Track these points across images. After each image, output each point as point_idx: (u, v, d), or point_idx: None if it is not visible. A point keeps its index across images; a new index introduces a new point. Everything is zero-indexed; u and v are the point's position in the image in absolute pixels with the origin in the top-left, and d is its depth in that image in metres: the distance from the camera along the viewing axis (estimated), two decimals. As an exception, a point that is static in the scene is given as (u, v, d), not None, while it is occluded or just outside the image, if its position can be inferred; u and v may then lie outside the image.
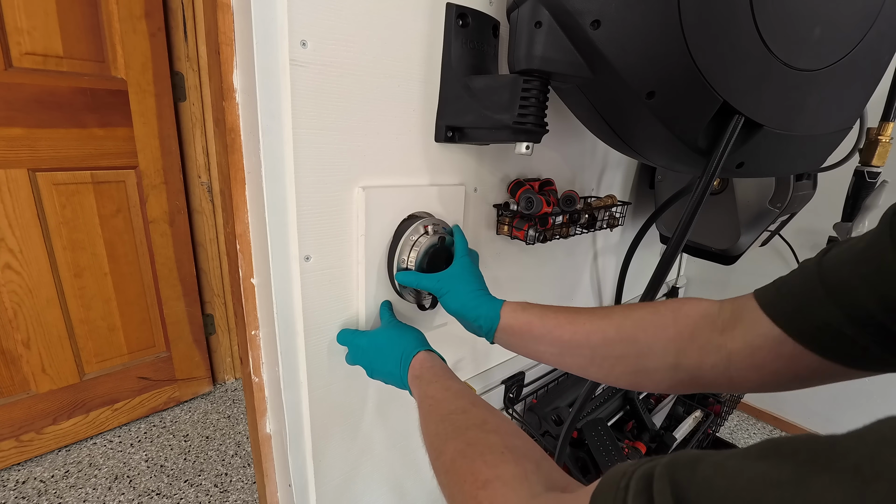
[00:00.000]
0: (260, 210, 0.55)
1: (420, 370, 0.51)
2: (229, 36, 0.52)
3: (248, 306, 0.61)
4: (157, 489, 1.31)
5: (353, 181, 0.59)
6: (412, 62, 0.59)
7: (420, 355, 0.53)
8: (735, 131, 0.54)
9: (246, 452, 1.47)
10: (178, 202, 1.49)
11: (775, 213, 0.95)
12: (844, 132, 0.66)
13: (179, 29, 1.40)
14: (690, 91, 0.51)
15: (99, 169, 1.31)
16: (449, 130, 0.63)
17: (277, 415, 0.65)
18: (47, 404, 1.37)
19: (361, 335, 0.60)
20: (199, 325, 1.65)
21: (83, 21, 1.20)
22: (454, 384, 0.47)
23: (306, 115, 0.52)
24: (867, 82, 0.62)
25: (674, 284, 1.62)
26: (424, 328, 0.73)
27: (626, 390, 1.05)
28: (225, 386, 1.80)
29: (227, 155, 0.55)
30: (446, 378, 0.48)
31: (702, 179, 0.57)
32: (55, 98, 1.19)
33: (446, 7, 0.59)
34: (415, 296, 0.66)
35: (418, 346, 0.55)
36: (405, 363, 0.53)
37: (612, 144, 0.70)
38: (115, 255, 1.39)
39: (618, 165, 1.07)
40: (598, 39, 0.48)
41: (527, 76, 0.53)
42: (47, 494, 1.26)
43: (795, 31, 0.51)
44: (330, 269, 0.60)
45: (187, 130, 1.49)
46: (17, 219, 1.20)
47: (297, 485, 0.68)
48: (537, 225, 0.76)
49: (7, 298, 1.23)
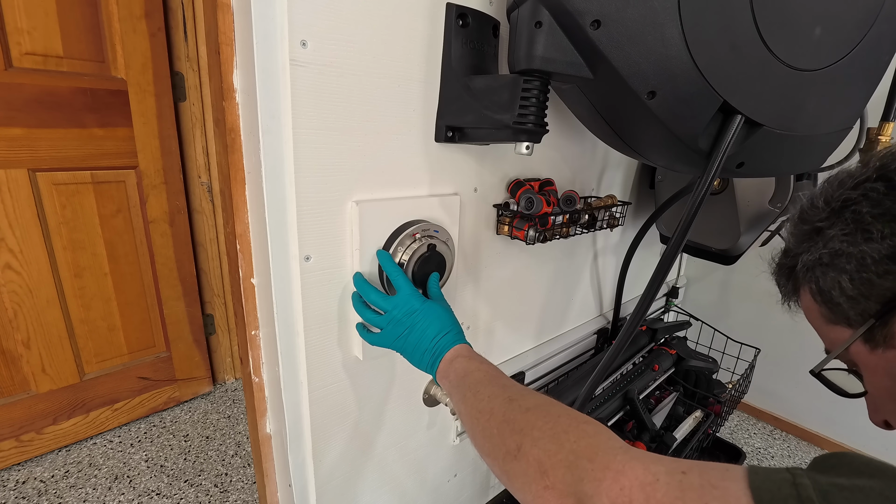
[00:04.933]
0: (260, 210, 0.55)
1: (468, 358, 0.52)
2: (229, 36, 0.52)
3: (248, 306, 0.61)
4: (157, 489, 1.31)
5: (354, 181, 0.59)
6: (412, 62, 0.59)
7: (463, 348, 0.53)
8: (735, 131, 0.54)
9: (246, 452, 1.47)
10: (178, 202, 1.49)
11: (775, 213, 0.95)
12: (844, 132, 0.66)
13: (179, 29, 1.40)
14: (691, 91, 0.51)
15: (99, 169, 1.31)
16: (449, 130, 0.63)
17: (277, 415, 0.65)
18: (47, 404, 1.37)
19: (421, 298, 0.57)
20: (199, 325, 1.65)
21: (83, 21, 1.20)
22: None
23: (306, 115, 0.52)
24: (867, 82, 0.62)
25: (674, 284, 1.62)
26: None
27: (627, 390, 1.05)
28: (225, 386, 1.79)
29: (227, 155, 0.55)
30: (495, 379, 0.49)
31: (702, 179, 0.57)
32: (55, 98, 1.19)
33: (446, 7, 0.59)
34: None
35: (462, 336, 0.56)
36: (442, 351, 0.53)
37: (612, 144, 0.70)
38: (115, 255, 1.39)
39: (618, 165, 1.07)
40: (599, 39, 0.48)
41: (527, 76, 0.53)
42: (47, 494, 1.26)
43: (795, 31, 0.51)
44: (330, 269, 0.60)
45: (187, 130, 1.49)
46: (17, 219, 1.20)
47: (297, 485, 0.68)
48: (537, 225, 0.76)
49: (7, 298, 1.23)
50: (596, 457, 0.33)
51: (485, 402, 0.45)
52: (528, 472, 0.37)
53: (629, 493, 0.30)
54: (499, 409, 0.43)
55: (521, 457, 0.38)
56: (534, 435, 0.38)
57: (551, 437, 0.37)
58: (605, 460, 0.33)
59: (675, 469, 0.30)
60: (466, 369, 0.50)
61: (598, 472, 0.32)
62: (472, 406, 0.46)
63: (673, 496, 0.28)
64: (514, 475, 0.39)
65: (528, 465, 0.37)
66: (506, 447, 0.40)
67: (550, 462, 0.35)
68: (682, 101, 0.52)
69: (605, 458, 0.33)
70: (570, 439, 0.36)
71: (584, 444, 0.35)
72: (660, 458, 0.31)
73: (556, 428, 0.38)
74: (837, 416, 1.53)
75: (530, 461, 0.37)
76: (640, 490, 0.30)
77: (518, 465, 0.38)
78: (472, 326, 0.84)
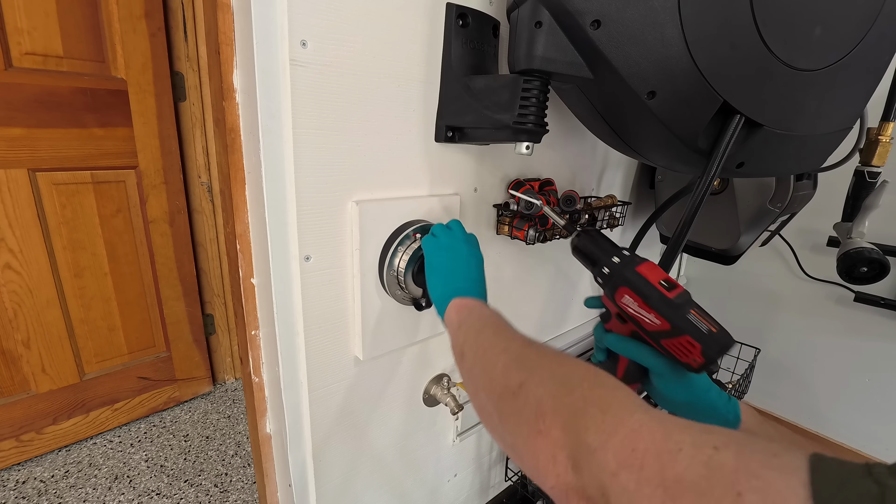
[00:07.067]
0: (260, 210, 0.55)
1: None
2: (229, 36, 0.52)
3: (248, 306, 0.61)
4: (157, 489, 1.31)
5: (354, 181, 0.59)
6: (412, 62, 0.59)
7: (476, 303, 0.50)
8: (735, 131, 0.54)
9: (246, 452, 1.46)
10: (178, 202, 1.49)
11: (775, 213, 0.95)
12: (844, 132, 0.66)
13: (179, 29, 1.40)
14: (691, 91, 0.51)
15: (99, 169, 1.31)
16: (449, 130, 0.63)
17: (277, 415, 0.65)
18: (47, 404, 1.37)
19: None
20: (199, 325, 1.65)
21: (83, 21, 1.20)
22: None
23: (306, 114, 0.52)
24: (867, 82, 0.62)
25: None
26: (423, 335, 0.73)
27: (627, 390, 1.04)
28: (225, 386, 1.79)
29: (227, 155, 0.55)
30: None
31: (702, 179, 0.57)
32: (55, 98, 1.19)
33: (446, 7, 0.59)
34: (411, 298, 0.66)
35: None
36: (472, 292, 0.52)
37: (612, 144, 0.70)
38: (115, 255, 1.39)
39: (618, 165, 1.07)
40: (599, 39, 0.48)
41: (527, 76, 0.53)
42: (47, 494, 1.26)
43: (795, 31, 0.51)
44: (330, 269, 0.60)
45: (187, 130, 1.49)
46: (17, 219, 1.20)
47: (297, 485, 0.68)
48: (537, 225, 0.76)
49: (7, 298, 1.23)
50: (610, 409, 0.29)
51: (501, 340, 0.40)
52: (523, 412, 0.32)
53: (641, 458, 0.25)
54: (514, 348, 0.39)
55: (520, 395, 0.33)
56: (542, 375, 0.34)
57: (562, 380, 0.32)
58: (620, 415, 0.28)
59: (705, 442, 0.24)
60: (495, 313, 0.46)
61: (609, 426, 0.27)
62: (485, 340, 0.41)
63: (696, 475, 0.22)
64: (506, 415, 0.34)
65: (526, 404, 0.32)
66: (506, 383, 0.35)
67: (553, 405, 0.31)
68: (682, 101, 0.52)
69: (620, 413, 0.28)
70: (583, 386, 0.31)
71: (598, 394, 0.30)
72: (689, 426, 0.26)
73: (571, 374, 0.33)
74: (837, 416, 1.53)
75: (529, 400, 0.32)
76: (656, 458, 0.24)
77: (514, 404, 0.33)
78: (472, 326, 0.84)
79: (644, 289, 0.45)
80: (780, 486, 0.20)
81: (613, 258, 0.50)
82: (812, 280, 1.32)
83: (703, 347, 0.41)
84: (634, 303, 0.46)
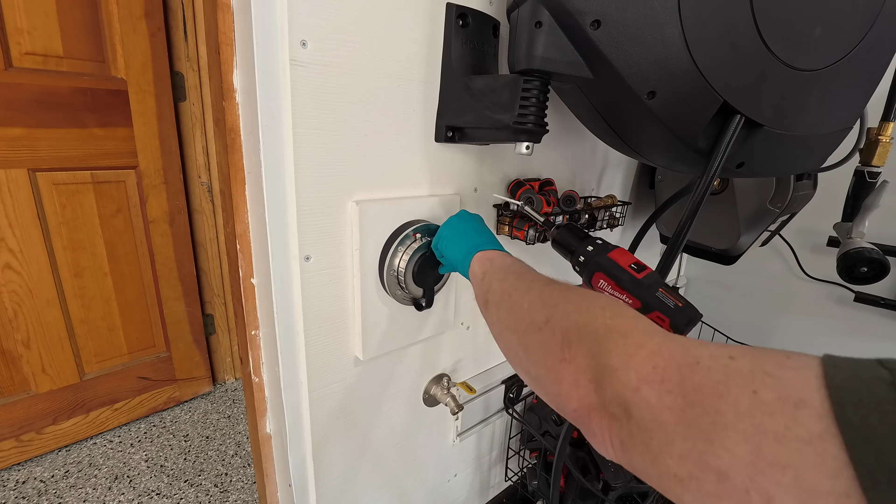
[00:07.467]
0: (260, 210, 0.55)
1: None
2: (229, 36, 0.52)
3: (248, 306, 0.61)
4: (157, 489, 1.31)
5: (354, 181, 0.59)
6: (412, 62, 0.59)
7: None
8: (735, 131, 0.54)
9: (246, 452, 1.47)
10: (178, 202, 1.49)
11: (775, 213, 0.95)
12: (844, 132, 0.66)
13: (179, 29, 1.40)
14: (691, 91, 0.51)
15: (99, 169, 1.31)
16: (449, 130, 0.63)
17: (277, 415, 0.65)
18: (47, 404, 1.37)
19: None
20: (199, 325, 1.65)
21: (83, 21, 1.20)
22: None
23: (306, 114, 0.52)
24: (867, 82, 0.62)
25: (674, 284, 1.62)
26: (423, 335, 0.73)
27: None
28: (225, 386, 1.79)
29: (227, 155, 0.55)
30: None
31: (702, 179, 0.57)
32: (55, 98, 1.19)
33: (446, 7, 0.59)
34: (411, 298, 0.66)
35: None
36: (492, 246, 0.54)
37: (612, 144, 0.70)
38: (115, 255, 1.39)
39: (618, 165, 1.07)
40: (599, 39, 0.48)
41: (527, 76, 0.53)
42: (47, 494, 1.26)
43: (795, 31, 0.51)
44: (330, 269, 0.60)
45: (187, 130, 1.49)
46: (17, 219, 1.20)
47: (297, 485, 0.68)
48: (537, 225, 0.76)
49: (7, 298, 1.23)
50: (631, 334, 0.30)
51: (525, 283, 0.43)
52: (549, 343, 0.34)
53: (662, 373, 0.26)
54: (537, 288, 0.41)
55: (546, 328, 0.36)
56: (566, 308, 0.36)
57: (586, 311, 0.35)
58: (641, 339, 0.30)
59: (721, 353, 0.25)
60: (517, 260, 0.50)
61: (631, 348, 0.29)
62: (510, 284, 0.44)
63: (714, 381, 0.24)
64: (532, 347, 0.37)
65: (553, 336, 0.34)
66: (531, 318, 0.38)
67: (577, 334, 0.33)
68: (682, 101, 0.52)
69: (641, 337, 0.30)
70: (605, 315, 0.33)
71: (619, 322, 0.32)
72: (706, 343, 0.27)
73: (593, 305, 0.35)
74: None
75: (556, 332, 0.34)
76: (676, 371, 0.26)
77: (540, 337, 0.36)
78: (472, 327, 0.84)
79: (615, 272, 0.49)
80: (793, 380, 0.21)
81: (588, 247, 0.54)
82: (812, 280, 1.32)
83: (671, 320, 0.45)
84: (608, 286, 0.49)
